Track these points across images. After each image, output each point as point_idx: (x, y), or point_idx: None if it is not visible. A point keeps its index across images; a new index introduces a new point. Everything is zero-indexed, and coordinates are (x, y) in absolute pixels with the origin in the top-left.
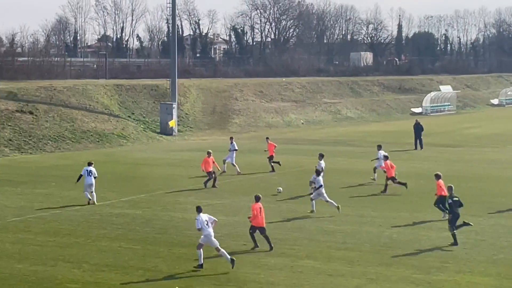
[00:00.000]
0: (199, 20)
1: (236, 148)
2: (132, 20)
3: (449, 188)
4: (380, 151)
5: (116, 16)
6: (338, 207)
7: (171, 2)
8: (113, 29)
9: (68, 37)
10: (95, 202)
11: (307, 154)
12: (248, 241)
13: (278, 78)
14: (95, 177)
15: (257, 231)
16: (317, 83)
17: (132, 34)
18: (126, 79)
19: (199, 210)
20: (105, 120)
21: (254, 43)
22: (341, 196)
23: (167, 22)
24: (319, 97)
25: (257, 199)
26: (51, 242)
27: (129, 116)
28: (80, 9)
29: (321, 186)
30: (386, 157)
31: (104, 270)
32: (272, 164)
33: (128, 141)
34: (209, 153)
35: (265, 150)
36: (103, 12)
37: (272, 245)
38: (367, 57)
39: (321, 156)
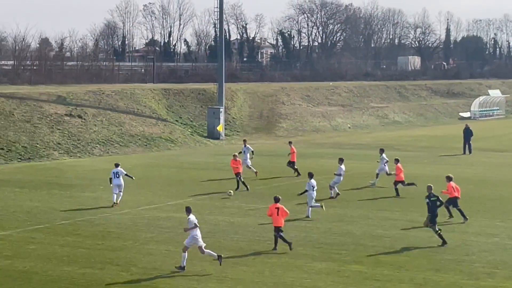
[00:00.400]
0: (246, 24)
1: (252, 149)
2: (180, 24)
3: (428, 188)
4: (383, 155)
5: (164, 21)
6: (322, 206)
7: (218, 7)
8: (160, 33)
9: (116, 41)
10: (117, 202)
11: (353, 158)
12: (299, 245)
13: (325, 82)
14: (127, 176)
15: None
16: (364, 87)
17: (180, 38)
18: (173, 83)
19: (189, 210)
20: (153, 124)
21: (301, 47)
22: (389, 200)
23: (215, 27)
24: (366, 101)
25: (276, 200)
26: (99, 245)
27: (176, 120)
28: (128, 14)
29: (306, 191)
30: (397, 160)
31: (152, 273)
32: (296, 168)
33: (175, 145)
34: (235, 156)
35: (288, 154)
36: (151, 16)
37: (291, 246)
38: (415, 61)
39: (341, 161)
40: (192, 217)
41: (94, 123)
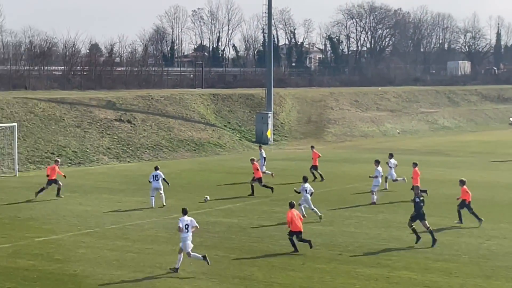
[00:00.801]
0: (294, 29)
1: (264, 156)
2: (228, 29)
3: (416, 188)
4: (391, 160)
5: (213, 26)
6: (320, 216)
7: (267, 12)
8: (209, 38)
9: (165, 46)
10: (164, 203)
11: (403, 164)
12: (347, 250)
13: (374, 87)
14: (164, 180)
15: (295, 235)
16: (413, 92)
17: (228, 43)
18: (222, 89)
19: (184, 212)
20: (202, 129)
21: (350, 52)
22: (440, 206)
23: (263, 32)
24: (415, 107)
25: (291, 205)
26: (148, 249)
27: (225, 125)
28: (177, 19)
29: (299, 192)
30: (415, 164)
31: (201, 278)
32: (320, 173)
33: (224, 150)
34: (252, 160)
35: (316, 158)
36: (200, 22)
37: (312, 244)
38: (465, 66)
39: (377, 163)
40: (182, 218)
41: (143, 128)
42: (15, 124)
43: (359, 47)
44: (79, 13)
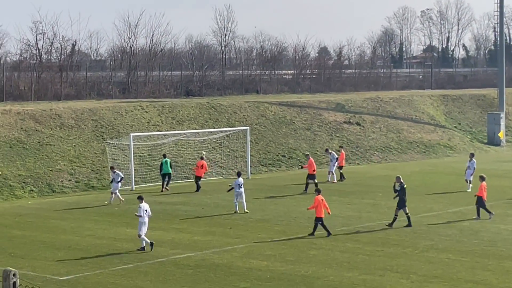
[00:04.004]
0: None
1: (336, 157)
2: (458, 29)
3: (398, 178)
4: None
5: (442, 26)
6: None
7: (498, 10)
8: (438, 39)
9: (394, 48)
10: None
11: None
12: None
13: None
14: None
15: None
16: None
17: (458, 43)
18: (452, 89)
19: (141, 199)
20: (431, 130)
21: None
22: None
23: (494, 30)
24: None
25: (319, 191)
26: (379, 252)
27: (455, 127)
28: (405, 20)
29: (232, 188)
30: (482, 178)
31: (432, 281)
32: (341, 172)
33: (454, 151)
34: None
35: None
36: (429, 22)
37: (330, 232)
38: None
39: (472, 155)
40: (143, 205)
41: (372, 130)
42: (248, 127)
43: None
44: (308, 18)
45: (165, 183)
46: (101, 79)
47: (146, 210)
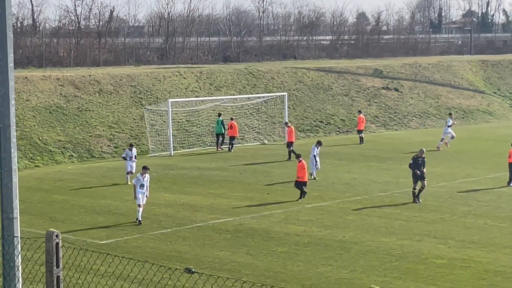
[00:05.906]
0: None
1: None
2: None
3: (421, 151)
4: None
5: None
6: None
7: None
8: (478, 3)
9: (433, 13)
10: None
11: None
12: None
13: None
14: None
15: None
16: None
17: (498, 8)
18: (491, 55)
19: (145, 169)
20: (470, 96)
21: None
22: None
23: None
24: None
25: (299, 156)
26: (416, 217)
27: (494, 92)
28: None
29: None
30: None
31: (469, 247)
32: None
33: (493, 117)
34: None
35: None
36: None
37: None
38: None
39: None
40: (140, 176)
41: (411, 96)
42: (285, 93)
43: None
44: None
45: (220, 142)
46: (139, 45)
47: (142, 185)
